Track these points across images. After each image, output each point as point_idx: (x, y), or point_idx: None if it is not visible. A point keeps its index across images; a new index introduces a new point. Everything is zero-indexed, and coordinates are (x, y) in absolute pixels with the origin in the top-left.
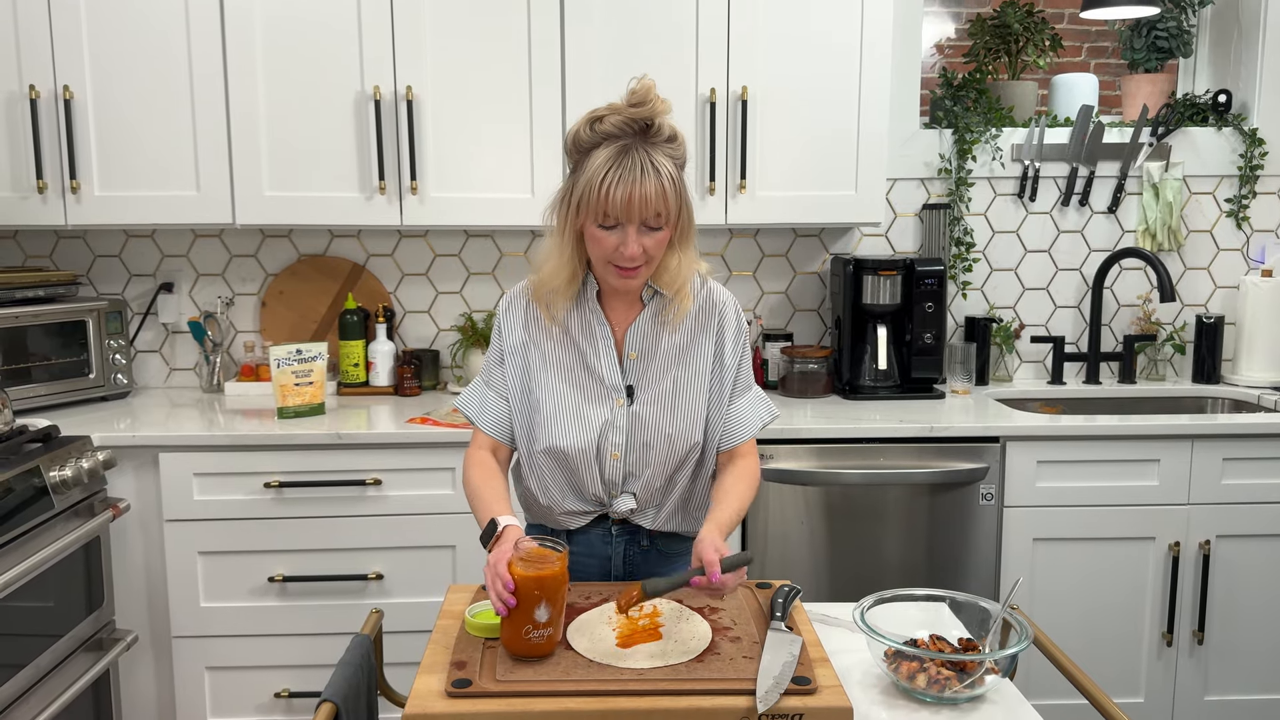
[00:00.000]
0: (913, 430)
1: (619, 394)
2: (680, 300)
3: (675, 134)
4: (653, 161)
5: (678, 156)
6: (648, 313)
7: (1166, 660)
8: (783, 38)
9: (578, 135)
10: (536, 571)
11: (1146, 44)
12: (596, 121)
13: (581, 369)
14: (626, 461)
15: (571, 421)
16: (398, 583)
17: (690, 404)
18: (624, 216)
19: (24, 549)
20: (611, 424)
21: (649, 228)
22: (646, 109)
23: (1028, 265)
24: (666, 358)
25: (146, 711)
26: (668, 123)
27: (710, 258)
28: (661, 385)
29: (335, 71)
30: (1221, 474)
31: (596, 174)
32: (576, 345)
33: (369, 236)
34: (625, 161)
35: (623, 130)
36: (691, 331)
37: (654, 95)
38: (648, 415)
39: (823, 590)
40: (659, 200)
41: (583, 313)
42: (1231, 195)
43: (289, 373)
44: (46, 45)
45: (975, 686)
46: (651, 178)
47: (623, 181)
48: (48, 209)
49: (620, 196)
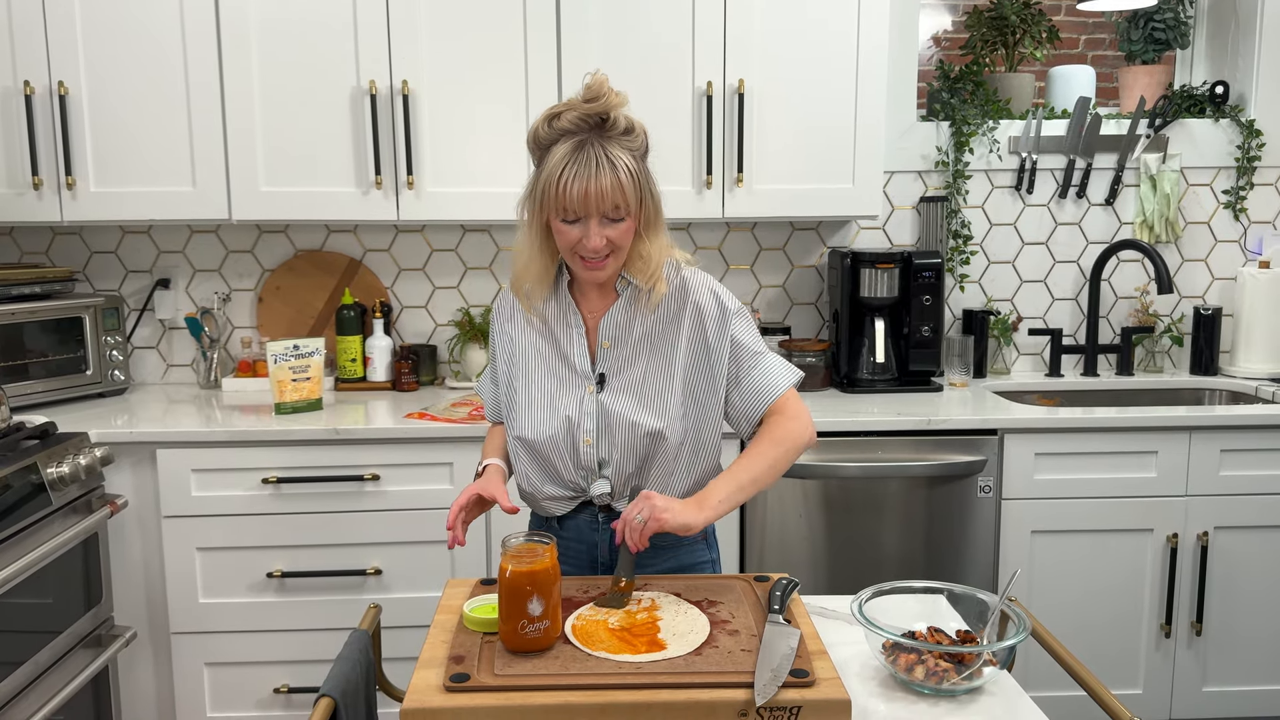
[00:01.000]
0: (910, 423)
1: (589, 381)
2: (655, 287)
3: (632, 126)
4: (609, 155)
5: (635, 148)
6: (621, 302)
7: (1165, 651)
8: (779, 30)
9: (537, 132)
10: (528, 566)
11: (1144, 35)
12: (554, 118)
13: (557, 358)
14: (599, 447)
15: (543, 409)
16: (396, 578)
17: (659, 392)
18: (582, 211)
19: (22, 545)
20: (582, 410)
21: (610, 219)
22: (600, 104)
23: (1025, 258)
24: (638, 346)
25: (146, 707)
26: (623, 115)
27: (707, 251)
28: (632, 373)
29: (331, 66)
30: (1219, 465)
31: (554, 170)
32: (553, 334)
33: (366, 232)
34: (581, 157)
35: (579, 126)
36: (663, 321)
37: (607, 89)
38: (615, 402)
39: (821, 583)
40: (615, 193)
41: (558, 302)
42: (1229, 187)
43: (286, 368)
44: (41, 41)
45: (973, 678)
46: (607, 172)
47: (579, 177)
48: (43, 205)
49: (577, 191)
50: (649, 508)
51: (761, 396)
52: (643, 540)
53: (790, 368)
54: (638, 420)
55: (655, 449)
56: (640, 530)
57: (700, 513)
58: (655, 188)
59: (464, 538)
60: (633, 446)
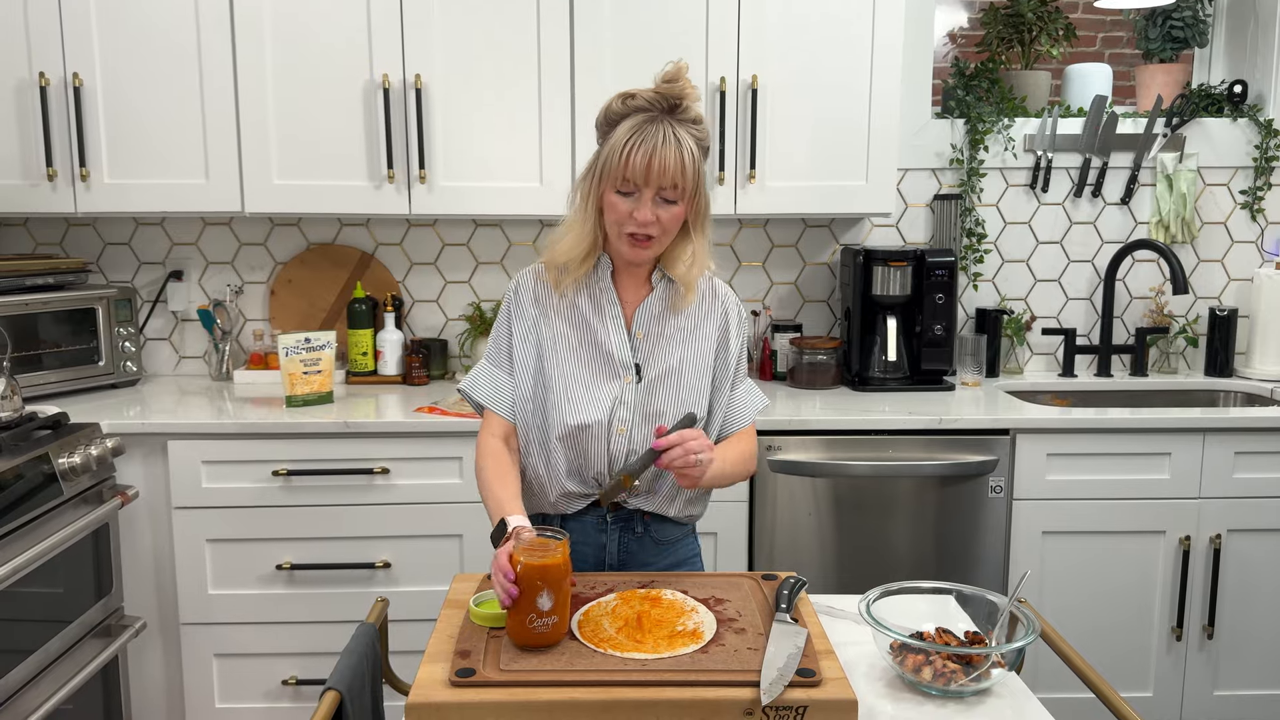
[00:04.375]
0: (922, 422)
1: (628, 371)
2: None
3: (701, 118)
4: (675, 133)
5: (701, 138)
6: (656, 294)
7: (1176, 655)
8: (793, 27)
9: (610, 108)
10: (539, 561)
11: (1162, 33)
12: (630, 96)
13: (591, 346)
14: (631, 438)
15: (584, 398)
16: (405, 571)
17: (695, 382)
18: (642, 181)
19: (33, 535)
20: (620, 400)
21: (664, 200)
22: (677, 86)
23: (1039, 257)
24: (672, 338)
25: (155, 697)
26: (695, 107)
27: (720, 248)
28: (668, 363)
29: (344, 59)
30: (1233, 468)
31: (620, 139)
32: (587, 323)
33: (378, 225)
34: (650, 130)
35: (652, 104)
36: (696, 316)
37: (685, 77)
38: (656, 391)
39: (831, 582)
40: (677, 170)
41: (594, 291)
42: (1246, 187)
43: (297, 361)
44: (56, 32)
45: (981, 680)
46: (673, 146)
47: (644, 145)
48: (57, 196)
49: (640, 159)
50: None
51: (743, 414)
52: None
53: (763, 396)
54: (679, 410)
55: None
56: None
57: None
58: (708, 189)
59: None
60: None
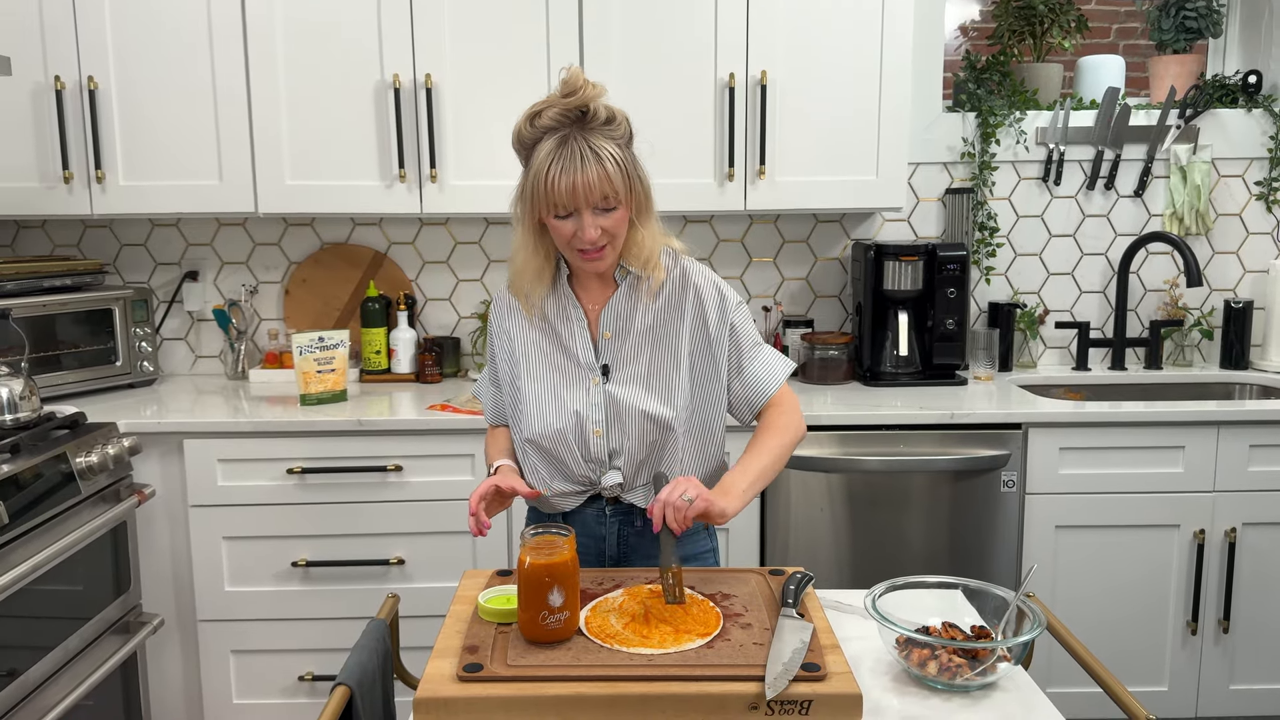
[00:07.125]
0: (934, 417)
1: (594, 373)
2: (653, 273)
3: (613, 115)
4: (593, 147)
5: (619, 136)
6: (621, 291)
7: (1191, 648)
8: (802, 21)
9: (520, 132)
10: (547, 559)
11: (1175, 24)
12: (535, 117)
13: (560, 352)
14: (609, 438)
15: (551, 405)
16: (419, 568)
17: (665, 382)
18: (572, 205)
19: (52, 533)
20: (590, 402)
21: (602, 210)
22: (578, 97)
23: (1052, 250)
24: (640, 336)
25: (173, 693)
26: (603, 106)
27: (730, 244)
28: (637, 364)
29: (355, 60)
30: (1248, 461)
31: (540, 168)
32: (554, 329)
33: (390, 224)
34: (565, 152)
35: (560, 121)
36: (664, 311)
37: (583, 82)
38: (623, 393)
39: (844, 577)
40: (603, 184)
41: (559, 296)
42: (1261, 178)
43: (311, 360)
44: (71, 36)
45: (987, 674)
46: (592, 164)
47: (565, 171)
48: (74, 198)
49: (564, 186)
50: (694, 489)
51: (763, 386)
52: (686, 521)
53: (785, 359)
54: (647, 409)
55: (665, 437)
56: (686, 511)
57: (732, 501)
58: (644, 173)
59: (489, 522)
60: (643, 435)
